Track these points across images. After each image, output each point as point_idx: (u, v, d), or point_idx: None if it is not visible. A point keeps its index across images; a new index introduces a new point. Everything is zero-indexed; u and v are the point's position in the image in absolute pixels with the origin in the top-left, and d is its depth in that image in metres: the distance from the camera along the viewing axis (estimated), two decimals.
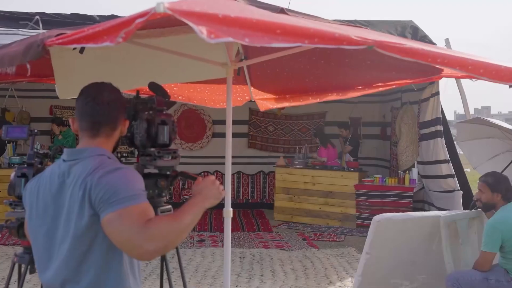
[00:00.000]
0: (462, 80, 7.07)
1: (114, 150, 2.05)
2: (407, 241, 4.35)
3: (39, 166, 2.82)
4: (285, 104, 4.59)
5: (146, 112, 2.30)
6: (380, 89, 3.97)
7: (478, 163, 4.97)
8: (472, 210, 4.41)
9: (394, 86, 3.91)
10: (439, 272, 4.38)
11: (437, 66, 3.19)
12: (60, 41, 1.95)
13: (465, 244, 4.33)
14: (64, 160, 1.94)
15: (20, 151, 9.98)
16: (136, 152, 2.35)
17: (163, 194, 2.41)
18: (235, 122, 11.09)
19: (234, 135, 12.28)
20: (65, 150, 1.96)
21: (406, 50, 2.11)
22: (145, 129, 2.27)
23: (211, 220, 9.52)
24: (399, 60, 3.19)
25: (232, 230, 8.47)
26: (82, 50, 2.86)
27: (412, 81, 3.79)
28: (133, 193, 1.79)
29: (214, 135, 11.15)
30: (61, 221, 1.87)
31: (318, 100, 4.27)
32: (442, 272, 4.29)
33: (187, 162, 11.09)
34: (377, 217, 4.22)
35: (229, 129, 3.23)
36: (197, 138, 11.28)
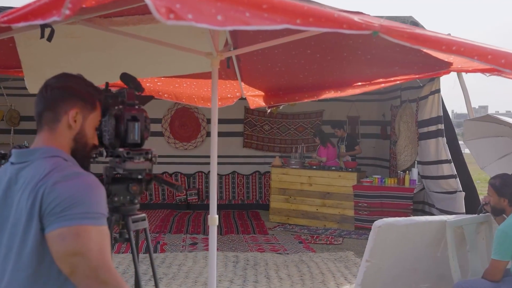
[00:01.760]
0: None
1: (82, 157, 1.69)
2: (410, 247, 4.07)
3: None
4: (279, 103, 4.27)
5: (115, 107, 2.00)
6: (382, 85, 3.66)
7: (486, 163, 4.68)
8: (480, 214, 4.13)
9: (397, 82, 3.60)
10: (444, 281, 4.10)
11: (446, 60, 2.88)
12: (6, 18, 1.66)
13: (473, 251, 4.05)
14: (12, 163, 1.63)
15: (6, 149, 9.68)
16: (105, 153, 2.04)
17: (136, 200, 2.11)
18: (229, 121, 10.72)
19: (229, 134, 11.95)
20: (13, 151, 1.65)
21: (417, 37, 1.81)
22: (114, 126, 1.96)
23: (204, 221, 9.22)
24: (403, 53, 2.90)
25: (226, 233, 8.29)
26: (50, 37, 2.55)
27: (417, 76, 3.49)
28: (97, 211, 1.49)
29: (209, 134, 10.79)
30: (5, 235, 1.56)
31: (314, 98, 3.95)
32: (448, 281, 4.01)
33: (181, 162, 10.85)
34: (378, 222, 3.93)
35: (214, 126, 2.92)
36: (191, 138, 11.02)
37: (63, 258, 1.45)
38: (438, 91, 7.26)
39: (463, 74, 6.55)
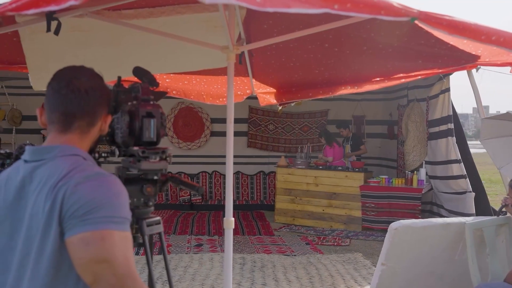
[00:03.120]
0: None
1: (91, 152, 1.60)
2: (427, 250, 3.93)
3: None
4: (291, 99, 4.12)
5: (129, 103, 1.86)
6: (402, 80, 3.53)
7: (503, 163, 4.53)
8: (500, 216, 3.99)
9: (419, 77, 3.45)
10: (463, 284, 3.96)
11: (473, 53, 2.74)
12: (14, 6, 1.52)
13: (493, 254, 3.91)
14: (26, 161, 1.49)
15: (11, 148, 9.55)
16: (117, 152, 1.90)
17: (150, 203, 1.97)
18: (233, 120, 10.59)
19: (233, 133, 11.83)
20: (27, 148, 1.52)
21: (457, 25, 1.67)
22: (127, 123, 1.82)
23: (209, 222, 9.09)
24: (428, 46, 2.76)
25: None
26: (57, 31, 2.41)
27: (440, 70, 3.35)
28: (121, 215, 1.37)
29: (213, 133, 10.75)
30: (19, 239, 1.43)
31: (329, 94, 3.82)
32: (467, 285, 3.87)
33: (185, 162, 10.71)
34: (394, 224, 3.79)
35: (230, 124, 2.79)
36: (195, 137, 10.88)
37: (86, 265, 1.32)
38: (448, 90, 7.13)
39: (473, 73, 6.42)
